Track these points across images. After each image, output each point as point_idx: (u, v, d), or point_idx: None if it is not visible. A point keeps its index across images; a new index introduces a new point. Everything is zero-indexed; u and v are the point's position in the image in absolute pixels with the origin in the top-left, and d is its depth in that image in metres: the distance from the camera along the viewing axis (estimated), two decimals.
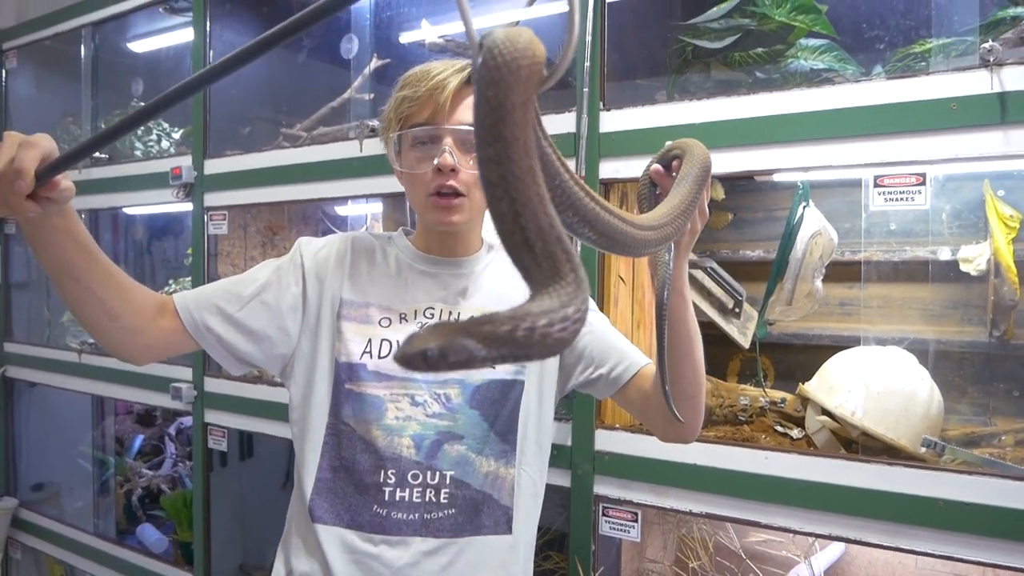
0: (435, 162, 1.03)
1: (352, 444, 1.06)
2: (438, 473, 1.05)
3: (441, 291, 1.12)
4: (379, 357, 1.07)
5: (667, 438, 1.12)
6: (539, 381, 1.12)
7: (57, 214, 0.86)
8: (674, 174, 0.89)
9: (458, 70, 1.04)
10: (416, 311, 1.10)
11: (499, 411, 1.08)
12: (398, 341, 1.07)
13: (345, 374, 1.07)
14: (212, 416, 2.16)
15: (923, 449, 1.28)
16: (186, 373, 2.21)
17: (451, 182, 1.03)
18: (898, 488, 1.21)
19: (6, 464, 3.00)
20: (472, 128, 1.03)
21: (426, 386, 1.06)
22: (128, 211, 2.80)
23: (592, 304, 1.19)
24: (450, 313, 1.10)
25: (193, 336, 1.05)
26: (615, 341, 1.14)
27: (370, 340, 1.08)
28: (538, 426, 1.12)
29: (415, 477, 1.05)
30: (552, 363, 1.13)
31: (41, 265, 0.92)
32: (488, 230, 1.19)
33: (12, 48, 2.87)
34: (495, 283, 1.14)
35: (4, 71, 2.90)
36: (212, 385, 2.14)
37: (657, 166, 0.92)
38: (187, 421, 2.70)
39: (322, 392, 1.09)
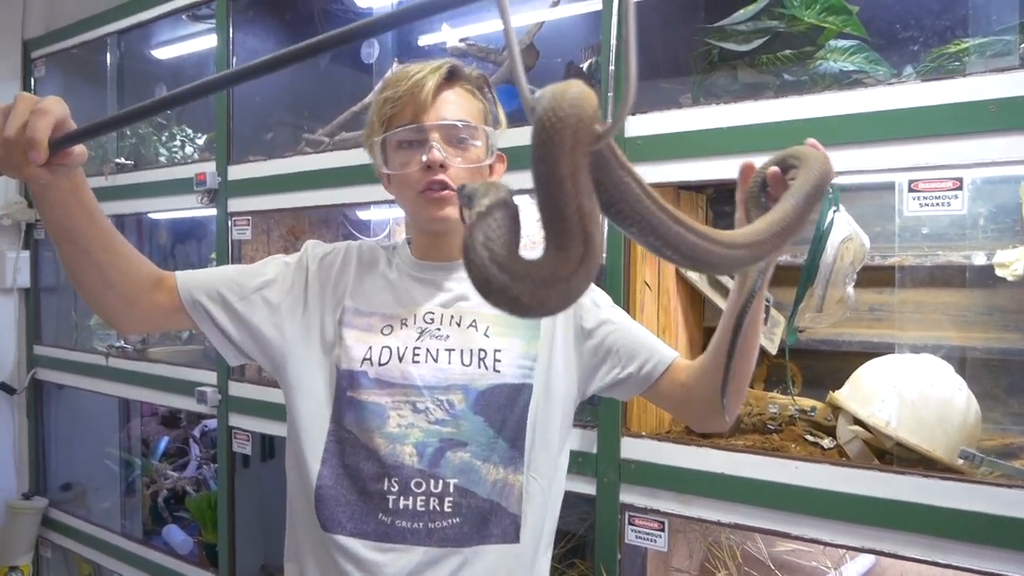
0: (423, 159, 1.03)
1: (355, 451, 1.05)
2: (441, 481, 1.03)
3: (441, 295, 1.11)
4: (380, 364, 1.07)
5: (706, 428, 1.14)
6: (546, 384, 1.10)
7: (65, 176, 0.86)
8: (789, 181, 0.84)
9: (435, 68, 1.05)
10: (415, 315, 1.10)
11: (506, 416, 1.06)
12: (398, 348, 1.07)
13: (346, 381, 1.07)
14: (236, 420, 2.17)
15: (960, 461, 1.24)
16: (211, 377, 2.22)
17: (440, 177, 1.04)
18: (935, 501, 1.18)
19: (36, 464, 3.04)
20: (456, 122, 1.05)
21: (428, 393, 1.05)
22: (152, 216, 2.83)
23: (609, 299, 1.18)
24: (451, 317, 1.09)
25: (191, 316, 1.07)
26: (642, 337, 1.13)
27: (371, 347, 1.07)
28: (546, 431, 1.09)
29: (418, 485, 1.03)
30: (560, 366, 1.11)
31: (44, 224, 0.95)
32: None
33: (40, 56, 2.91)
34: None
35: (33, 79, 2.94)
36: (236, 389, 2.15)
37: (775, 169, 0.86)
38: (211, 423, 2.71)
39: (321, 398, 1.08)
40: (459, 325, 1.09)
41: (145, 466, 2.94)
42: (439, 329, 1.08)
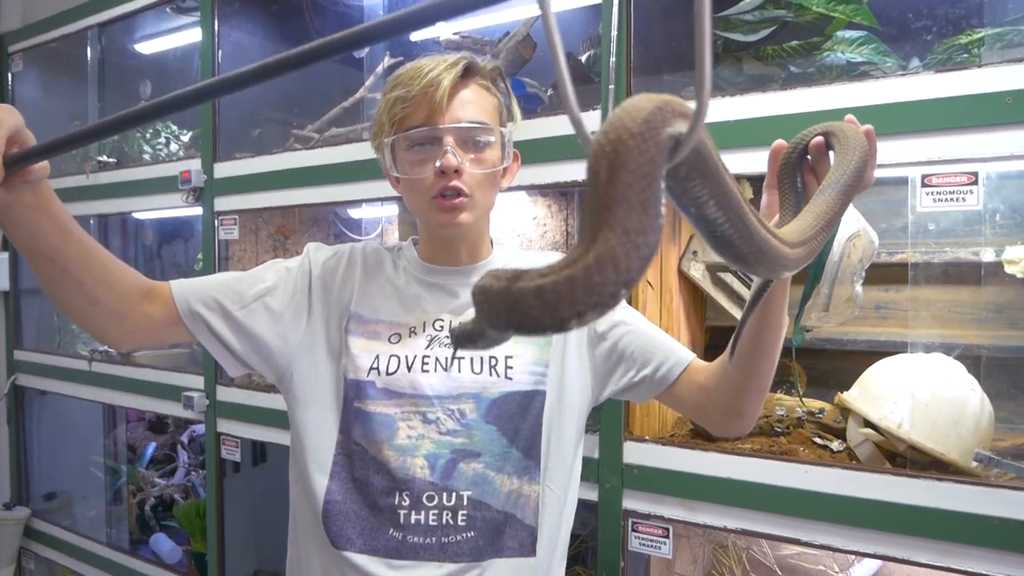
0: (437, 164, 0.97)
1: (365, 465, 1.01)
2: (454, 494, 0.99)
3: (451, 301, 1.06)
4: (387, 374, 1.02)
5: (727, 432, 1.08)
6: (560, 391, 1.06)
7: (29, 192, 0.80)
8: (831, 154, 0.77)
9: (450, 65, 0.99)
10: (425, 323, 1.05)
11: (519, 425, 1.02)
12: (407, 357, 1.02)
13: (353, 392, 1.02)
14: (225, 426, 2.11)
15: (975, 464, 1.21)
16: (198, 382, 2.16)
17: (455, 183, 0.98)
18: (949, 505, 1.14)
19: (18, 473, 2.97)
20: (473, 125, 0.99)
21: (438, 402, 1.01)
22: (137, 216, 2.76)
23: (623, 302, 1.13)
24: None
25: (189, 328, 1.01)
26: (658, 338, 1.08)
27: (377, 356, 1.03)
28: (561, 438, 1.05)
29: (430, 499, 0.99)
30: (574, 371, 1.07)
31: (14, 244, 0.86)
32: (496, 230, 1.14)
33: (17, 51, 2.83)
34: None
35: (10, 74, 2.85)
36: (224, 394, 2.09)
37: (820, 138, 0.78)
38: (199, 429, 2.65)
39: (329, 409, 1.04)
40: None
41: (131, 473, 2.87)
42: (448, 336, 1.04)
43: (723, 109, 1.31)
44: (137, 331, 0.98)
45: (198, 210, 2.16)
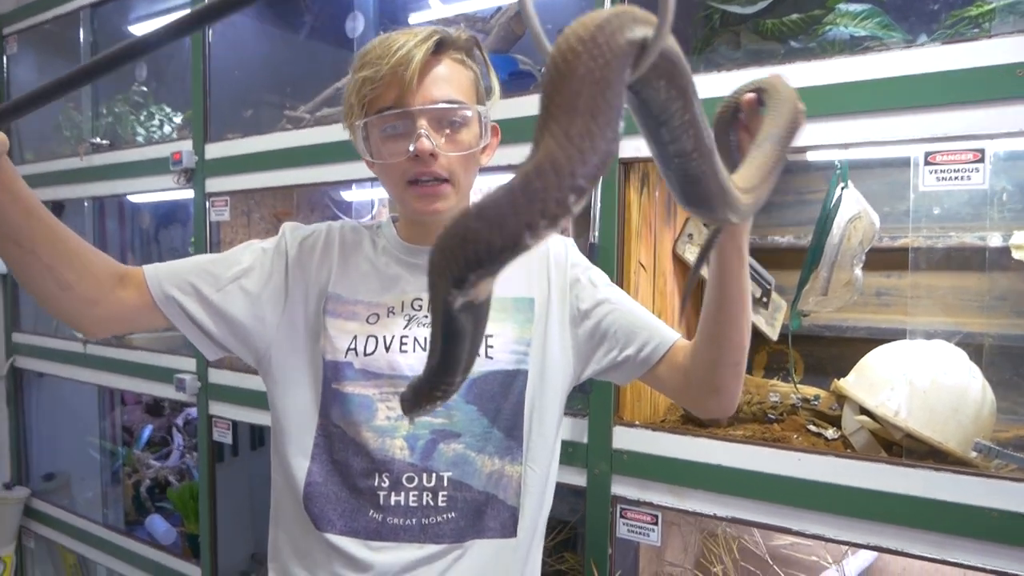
0: (411, 148, 0.92)
1: (344, 447, 0.99)
2: (435, 475, 0.97)
3: None
4: (365, 354, 0.99)
5: (708, 413, 1.06)
6: (542, 370, 1.03)
7: None
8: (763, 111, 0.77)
9: (422, 40, 0.92)
10: (403, 303, 1.02)
11: (501, 405, 1.00)
12: (384, 337, 0.99)
13: (331, 373, 0.99)
14: (217, 408, 2.09)
15: (974, 454, 1.17)
16: (190, 364, 2.14)
17: (431, 168, 0.93)
18: (946, 496, 1.11)
19: (18, 454, 2.97)
20: (447, 106, 0.93)
21: None
22: (133, 199, 2.74)
23: (606, 278, 1.09)
24: None
25: (164, 312, 0.97)
26: (642, 317, 1.05)
27: (355, 337, 1.00)
28: (543, 418, 1.03)
29: (410, 480, 0.97)
30: (556, 350, 1.04)
31: None
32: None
33: (12, 33, 2.81)
34: None
35: (5, 57, 2.84)
36: (216, 376, 2.07)
37: (752, 95, 0.78)
38: (193, 412, 2.64)
39: (308, 391, 1.01)
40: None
41: (128, 455, 2.87)
42: (427, 316, 1.01)
43: (720, 84, 1.26)
44: (110, 318, 0.95)
45: (191, 192, 2.13)
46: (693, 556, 1.65)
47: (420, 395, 0.53)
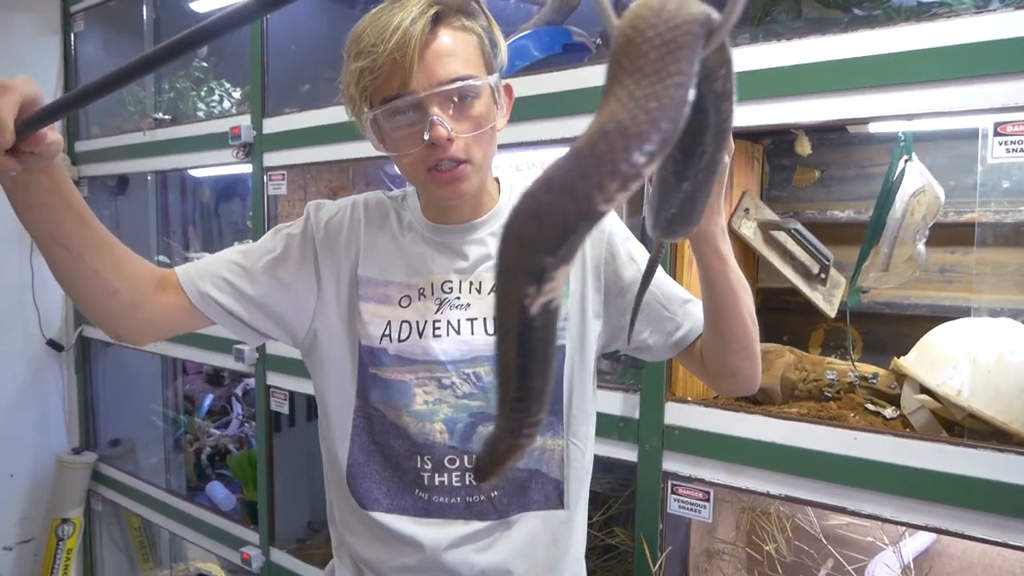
0: (426, 137, 0.89)
1: (384, 429, 1.00)
2: (475, 456, 0.98)
3: (459, 261, 1.02)
4: (399, 341, 0.99)
5: (730, 392, 1.07)
6: (580, 344, 1.02)
7: (43, 171, 0.78)
8: None
9: (417, 15, 0.86)
10: (433, 285, 1.01)
11: None
12: (417, 323, 0.99)
13: (368, 357, 1.00)
14: (274, 379, 2.15)
15: None
16: None
17: (450, 153, 0.90)
18: (1009, 478, 1.08)
19: (85, 420, 3.10)
20: (456, 85, 0.88)
21: (452, 367, 0.98)
22: (194, 173, 2.81)
23: (645, 252, 1.05)
24: (471, 284, 1.01)
25: (202, 311, 0.97)
26: (679, 297, 1.04)
27: (389, 323, 1.00)
28: (583, 392, 1.03)
29: (451, 462, 0.99)
30: (592, 323, 1.03)
31: (27, 230, 0.83)
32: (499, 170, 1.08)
33: (79, 11, 2.89)
34: None
35: (72, 34, 2.92)
36: (274, 348, 2.13)
37: None
38: (252, 382, 2.72)
39: (346, 373, 1.02)
40: (479, 292, 1.01)
41: (190, 423, 2.97)
42: (459, 298, 1.00)
43: (779, 54, 1.23)
44: (153, 322, 0.95)
45: (249, 167, 2.18)
46: (745, 534, 1.64)
47: (500, 446, 0.43)
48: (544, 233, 0.33)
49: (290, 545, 2.28)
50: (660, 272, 1.06)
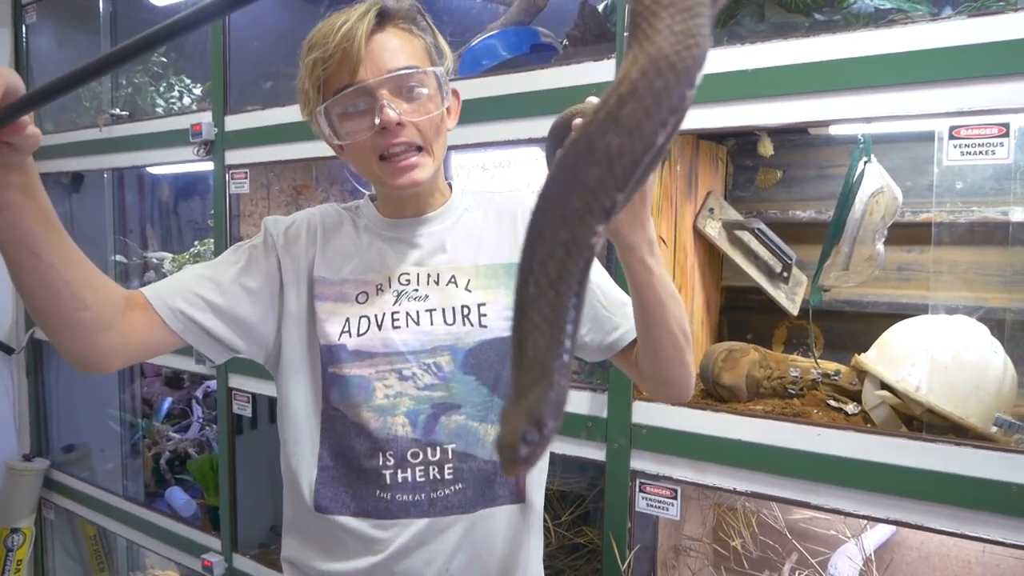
0: (376, 121, 0.91)
1: (346, 430, 1.00)
2: (439, 448, 0.98)
3: (414, 252, 1.03)
4: (358, 335, 0.99)
5: (664, 399, 1.11)
6: None
7: (17, 169, 0.75)
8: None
9: (362, 14, 0.92)
10: (390, 278, 1.02)
11: (500, 373, 1.00)
12: (376, 316, 0.99)
13: (327, 357, 1.00)
14: (236, 381, 2.11)
15: (995, 429, 1.17)
16: None
17: (401, 138, 0.93)
18: (966, 471, 1.11)
19: (37, 425, 3.01)
20: (402, 71, 0.92)
21: (413, 358, 0.98)
22: (153, 171, 2.75)
23: None
24: (428, 275, 1.02)
25: (172, 327, 0.95)
26: (617, 299, 1.04)
27: (347, 319, 1.00)
28: None
29: (415, 456, 0.98)
30: None
31: None
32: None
33: (31, 2, 2.80)
34: (471, 228, 1.06)
35: (24, 26, 2.83)
36: None
37: (579, 119, 0.77)
38: (213, 384, 2.67)
39: (310, 379, 1.02)
40: (437, 283, 1.02)
41: (148, 427, 2.91)
42: (416, 290, 1.01)
43: (743, 57, 1.25)
44: (120, 345, 0.90)
45: (210, 165, 2.14)
46: (711, 530, 1.67)
47: (557, 397, 0.40)
48: (614, 171, 0.35)
49: (253, 550, 2.25)
50: (603, 273, 1.08)
